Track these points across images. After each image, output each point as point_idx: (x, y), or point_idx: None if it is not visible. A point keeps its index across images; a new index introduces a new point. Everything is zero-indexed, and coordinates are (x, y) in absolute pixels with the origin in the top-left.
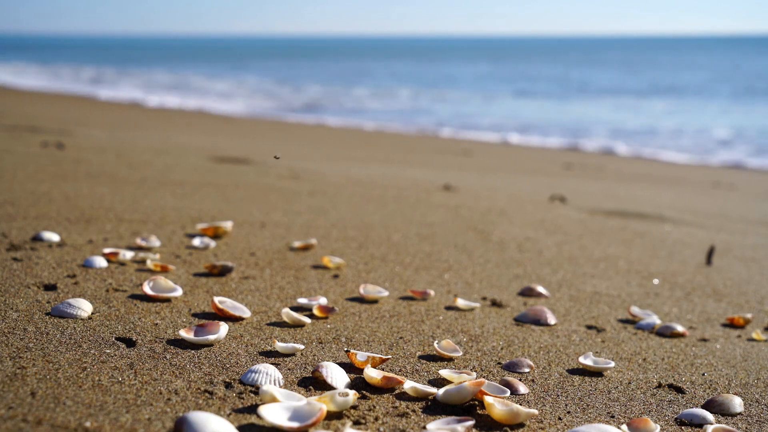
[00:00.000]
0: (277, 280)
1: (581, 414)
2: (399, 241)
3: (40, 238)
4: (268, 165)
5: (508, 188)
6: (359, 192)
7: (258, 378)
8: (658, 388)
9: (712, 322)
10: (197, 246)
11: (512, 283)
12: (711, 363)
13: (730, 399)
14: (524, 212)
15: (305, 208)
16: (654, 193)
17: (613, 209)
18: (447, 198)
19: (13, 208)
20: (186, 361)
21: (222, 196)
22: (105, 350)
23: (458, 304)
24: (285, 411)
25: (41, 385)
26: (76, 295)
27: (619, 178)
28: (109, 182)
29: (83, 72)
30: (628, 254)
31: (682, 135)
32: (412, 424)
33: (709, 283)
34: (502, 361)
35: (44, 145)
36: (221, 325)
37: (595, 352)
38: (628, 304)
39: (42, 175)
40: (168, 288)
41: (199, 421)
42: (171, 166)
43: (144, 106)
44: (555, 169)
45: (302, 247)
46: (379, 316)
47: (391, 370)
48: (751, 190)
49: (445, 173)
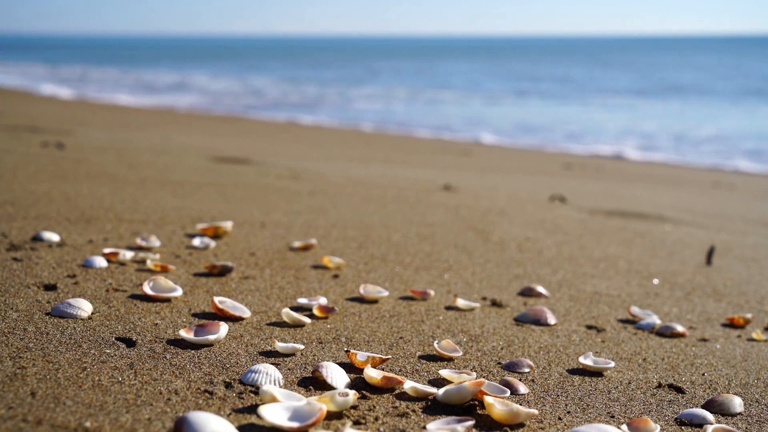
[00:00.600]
0: (277, 280)
1: (581, 414)
2: (399, 241)
3: (40, 238)
4: (268, 165)
5: (508, 188)
6: (359, 192)
7: (258, 378)
8: (658, 388)
9: (712, 322)
10: (197, 246)
11: (512, 283)
12: (711, 363)
13: (730, 399)
14: (524, 212)
15: (305, 208)
16: (654, 193)
17: (613, 209)
18: (447, 198)
19: (13, 208)
20: (186, 361)
21: (222, 196)
22: (105, 350)
23: (458, 304)
24: (285, 411)
25: (41, 385)
26: (76, 295)
27: (619, 178)
28: (109, 182)
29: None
30: (628, 254)
31: (682, 136)
32: (412, 424)
33: (709, 283)
34: (502, 361)
35: (44, 145)
36: (221, 325)
37: (595, 352)
38: (628, 304)
39: (42, 175)
40: (168, 288)
41: (199, 421)
42: (171, 166)
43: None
44: (555, 169)
45: (302, 247)
46: (379, 316)
47: (391, 370)
48: (751, 190)
49: (445, 173)
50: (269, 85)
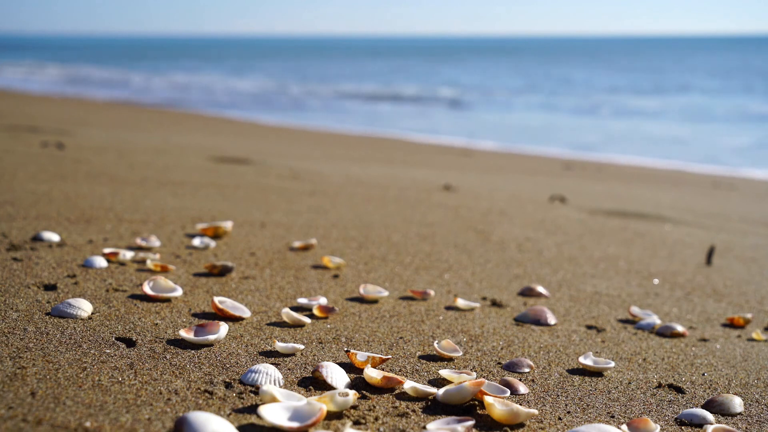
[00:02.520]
0: (277, 280)
1: (581, 414)
2: (399, 241)
3: (40, 238)
4: (268, 165)
5: (508, 188)
6: (359, 192)
7: (258, 378)
8: (658, 388)
9: (712, 322)
10: (197, 246)
11: (512, 283)
12: (711, 363)
13: (730, 399)
14: (524, 212)
15: (305, 208)
16: (654, 193)
17: (613, 209)
18: (447, 198)
19: (13, 208)
20: (186, 361)
21: (222, 196)
22: (105, 350)
23: (458, 304)
24: (285, 411)
25: (41, 385)
26: (76, 295)
27: (619, 178)
28: (109, 182)
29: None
30: (628, 254)
31: (683, 136)
32: (412, 424)
33: (709, 283)
34: (502, 361)
35: (44, 145)
36: (221, 325)
37: (595, 352)
38: (628, 304)
39: (42, 175)
40: (168, 288)
41: (199, 421)
42: (171, 166)
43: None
44: (555, 169)
45: (302, 247)
46: (379, 316)
47: (391, 370)
48: (751, 190)
49: (445, 173)
50: (279, 85)
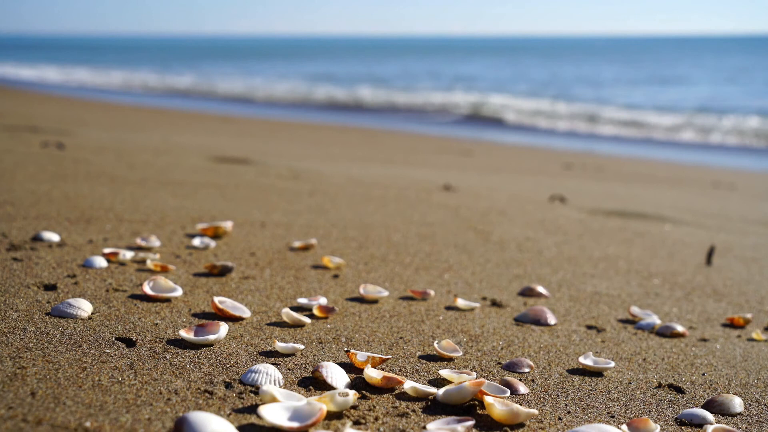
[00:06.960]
0: (277, 280)
1: (581, 414)
2: (399, 241)
3: (40, 238)
4: (268, 165)
5: (508, 188)
6: (359, 192)
7: (258, 378)
8: (658, 388)
9: (712, 322)
10: (197, 246)
11: (512, 283)
12: (711, 363)
13: (730, 399)
14: (524, 212)
15: (305, 208)
16: (654, 193)
17: (613, 209)
18: (447, 198)
19: (13, 208)
20: (186, 361)
21: (222, 196)
22: (105, 350)
23: (458, 304)
24: (285, 411)
25: (41, 385)
26: (76, 295)
27: (619, 178)
28: (109, 182)
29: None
30: (628, 254)
31: (683, 136)
32: (412, 424)
33: (709, 283)
34: (502, 361)
35: (44, 145)
36: (221, 325)
37: (595, 352)
38: (628, 304)
39: (42, 175)
40: (168, 288)
41: (199, 421)
42: (171, 166)
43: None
44: (555, 169)
45: (302, 247)
46: (379, 316)
47: (391, 370)
48: (751, 190)
49: (445, 173)
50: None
